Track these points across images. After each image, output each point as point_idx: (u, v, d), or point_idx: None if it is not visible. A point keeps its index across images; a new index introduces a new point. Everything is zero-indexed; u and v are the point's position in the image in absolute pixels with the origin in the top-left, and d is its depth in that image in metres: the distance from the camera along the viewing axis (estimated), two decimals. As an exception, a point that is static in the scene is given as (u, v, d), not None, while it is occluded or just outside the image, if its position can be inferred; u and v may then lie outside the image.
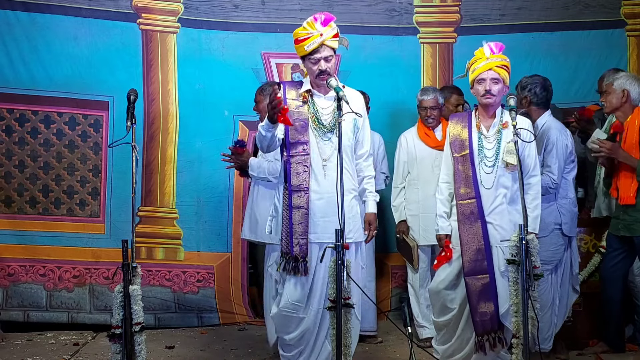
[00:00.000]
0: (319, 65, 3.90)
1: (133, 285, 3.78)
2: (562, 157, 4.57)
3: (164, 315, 5.96)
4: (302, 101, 4.00)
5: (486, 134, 4.20)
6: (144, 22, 6.05)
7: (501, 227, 4.15)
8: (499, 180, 4.15)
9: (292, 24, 6.11)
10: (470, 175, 4.16)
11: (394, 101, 6.19)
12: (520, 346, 4.12)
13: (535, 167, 4.22)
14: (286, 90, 4.04)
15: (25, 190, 5.93)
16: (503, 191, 4.16)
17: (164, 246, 6.04)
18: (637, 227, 4.63)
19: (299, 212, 3.92)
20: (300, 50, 3.92)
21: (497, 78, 4.11)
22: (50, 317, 5.85)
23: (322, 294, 3.94)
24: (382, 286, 6.17)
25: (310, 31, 3.87)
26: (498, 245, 4.15)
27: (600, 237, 5.12)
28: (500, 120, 4.21)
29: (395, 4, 6.25)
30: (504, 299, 4.10)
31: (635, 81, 4.72)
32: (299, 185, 3.93)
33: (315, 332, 3.99)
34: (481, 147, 4.19)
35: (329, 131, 3.98)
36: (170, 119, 6.07)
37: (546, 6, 6.26)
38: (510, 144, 4.07)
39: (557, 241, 4.57)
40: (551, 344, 4.62)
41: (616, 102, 4.72)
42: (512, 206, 4.18)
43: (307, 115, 3.98)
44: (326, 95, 4.02)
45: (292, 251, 3.91)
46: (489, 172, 4.16)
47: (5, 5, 5.84)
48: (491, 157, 4.17)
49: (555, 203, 4.59)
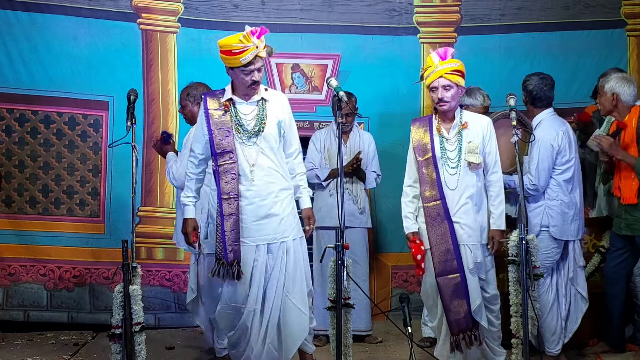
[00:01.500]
0: (252, 76, 3.97)
1: (133, 285, 3.79)
2: (545, 157, 4.50)
3: (164, 315, 5.96)
4: (224, 110, 4.07)
5: (447, 136, 4.28)
6: (144, 22, 6.06)
7: (467, 226, 4.21)
8: (463, 181, 4.22)
9: (292, 24, 6.16)
10: (435, 178, 4.25)
11: (394, 101, 6.19)
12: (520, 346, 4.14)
13: (495, 164, 4.29)
14: (207, 102, 4.10)
15: (25, 190, 5.93)
16: (468, 191, 4.22)
17: (164, 246, 6.03)
18: (638, 227, 4.62)
19: (230, 219, 3.98)
20: (233, 61, 3.95)
21: (448, 84, 4.20)
22: (51, 317, 5.86)
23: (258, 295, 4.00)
24: (382, 286, 6.17)
25: (246, 44, 3.91)
26: (466, 244, 4.22)
27: (600, 237, 5.11)
28: (459, 122, 4.28)
29: (395, 4, 6.25)
30: (475, 296, 4.20)
31: (626, 83, 4.67)
32: (228, 193, 4.00)
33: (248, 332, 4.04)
34: (443, 150, 4.27)
35: (253, 135, 4.03)
36: (170, 119, 6.07)
37: (546, 6, 6.26)
38: (472, 144, 4.20)
39: (548, 244, 4.51)
40: (559, 348, 4.57)
41: (608, 105, 4.71)
42: (477, 205, 4.24)
43: (231, 123, 4.04)
44: (248, 101, 4.08)
45: (227, 257, 3.97)
46: (453, 173, 4.24)
47: (5, 5, 5.84)
48: (454, 158, 4.25)
49: (543, 204, 4.55)
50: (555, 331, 4.55)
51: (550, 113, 4.65)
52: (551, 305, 4.55)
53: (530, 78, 4.68)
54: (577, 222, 4.61)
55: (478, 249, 4.23)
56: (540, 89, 4.63)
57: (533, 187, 4.51)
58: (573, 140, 4.64)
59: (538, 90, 4.63)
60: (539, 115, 4.64)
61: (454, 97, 4.23)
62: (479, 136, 4.25)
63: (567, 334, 4.62)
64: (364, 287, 5.14)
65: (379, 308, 5.66)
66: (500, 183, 4.30)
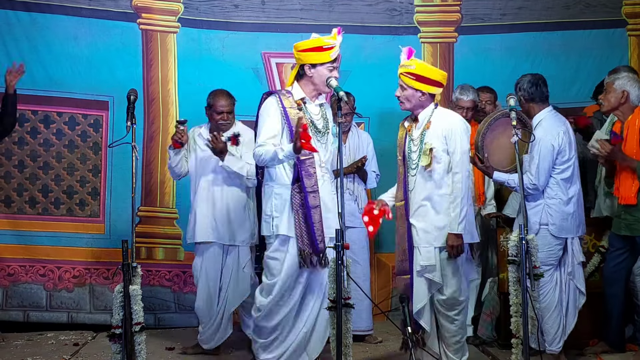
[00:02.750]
0: (335, 72, 4.21)
1: (133, 285, 3.78)
2: (545, 156, 4.49)
3: (164, 315, 5.96)
4: (298, 108, 4.23)
5: (413, 136, 4.30)
6: (144, 22, 6.05)
7: (421, 228, 4.22)
8: (420, 182, 4.24)
9: (292, 24, 6.16)
10: (402, 178, 4.33)
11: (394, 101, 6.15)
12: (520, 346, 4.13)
13: (457, 165, 4.21)
14: (282, 99, 4.24)
15: (25, 190, 5.93)
16: (424, 193, 4.22)
17: (164, 246, 6.03)
18: (638, 227, 4.62)
19: (317, 211, 4.17)
20: (322, 57, 4.18)
21: (403, 85, 4.25)
22: (50, 317, 5.86)
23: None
24: (382, 286, 6.17)
25: (334, 42, 4.18)
26: (417, 246, 4.23)
27: (601, 237, 5.11)
28: (424, 122, 4.27)
29: (396, 4, 6.24)
30: (418, 298, 4.21)
31: (636, 82, 4.69)
32: (312, 187, 4.18)
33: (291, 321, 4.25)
34: (409, 151, 4.31)
35: (321, 134, 4.29)
36: (170, 119, 6.06)
37: (547, 6, 6.26)
38: (427, 145, 4.20)
39: (549, 242, 4.51)
40: (560, 346, 4.57)
41: (614, 101, 4.71)
42: (436, 207, 4.21)
43: (307, 121, 4.19)
44: (315, 102, 4.31)
45: (318, 247, 4.15)
46: (413, 174, 4.28)
47: (5, 5, 5.84)
48: (415, 159, 4.28)
49: (542, 203, 4.55)
50: (558, 329, 4.55)
51: (550, 111, 4.65)
52: (555, 305, 4.55)
53: (520, 80, 4.69)
54: (577, 219, 4.60)
55: (430, 252, 4.17)
56: (537, 84, 4.62)
57: (533, 187, 4.51)
58: (573, 139, 4.65)
59: (536, 86, 4.62)
60: (539, 114, 4.63)
61: (410, 99, 4.25)
62: (439, 137, 4.20)
63: (566, 330, 4.62)
64: (364, 287, 5.14)
65: (379, 308, 5.66)
66: (459, 185, 4.19)
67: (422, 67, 4.25)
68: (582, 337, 4.95)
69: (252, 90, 5.15)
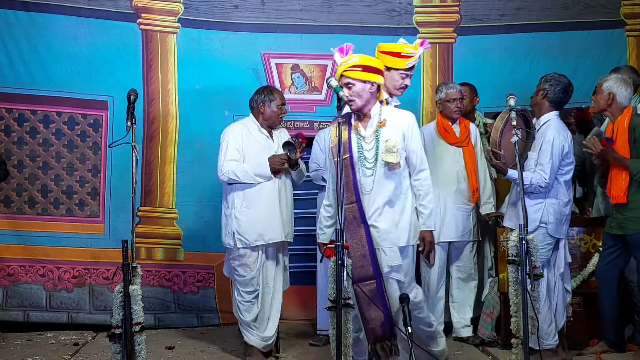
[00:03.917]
0: (406, 80, 4.47)
1: (133, 285, 3.78)
2: (557, 157, 4.54)
3: (164, 315, 5.96)
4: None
5: (364, 134, 4.11)
6: (143, 22, 6.05)
7: (384, 229, 4.05)
8: (379, 182, 4.05)
9: (291, 25, 6.16)
10: (351, 180, 4.06)
11: (393, 101, 6.18)
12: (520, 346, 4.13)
13: (422, 162, 4.14)
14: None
15: (25, 190, 5.93)
16: (385, 192, 4.05)
17: (163, 246, 6.03)
18: (629, 225, 4.67)
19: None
20: (398, 63, 4.40)
21: (350, 82, 4.04)
22: (50, 317, 5.85)
23: None
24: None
25: (414, 52, 4.41)
26: (380, 247, 4.06)
27: (600, 237, 5.12)
28: (378, 119, 4.12)
29: (395, 4, 6.25)
30: (394, 301, 4.04)
31: (624, 84, 4.72)
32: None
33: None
34: (360, 149, 4.09)
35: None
36: (170, 119, 6.06)
37: (546, 6, 6.27)
38: (389, 142, 4.02)
39: (544, 239, 4.53)
40: (556, 339, 4.60)
41: (602, 103, 4.77)
42: (397, 207, 4.08)
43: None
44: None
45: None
46: (370, 174, 4.07)
47: (4, 5, 5.84)
48: (371, 158, 4.07)
49: (544, 202, 4.56)
50: (551, 323, 4.57)
51: (557, 115, 4.68)
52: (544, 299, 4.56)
53: (559, 79, 4.65)
54: (568, 222, 4.68)
55: (395, 251, 4.05)
56: (567, 93, 4.65)
57: (545, 184, 4.53)
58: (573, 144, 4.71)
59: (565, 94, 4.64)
60: (548, 114, 4.66)
61: (360, 94, 4.04)
62: (399, 134, 4.06)
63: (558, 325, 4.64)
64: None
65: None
66: (428, 182, 4.13)
67: (365, 58, 4.09)
68: (582, 337, 4.97)
69: (251, 91, 5.14)
